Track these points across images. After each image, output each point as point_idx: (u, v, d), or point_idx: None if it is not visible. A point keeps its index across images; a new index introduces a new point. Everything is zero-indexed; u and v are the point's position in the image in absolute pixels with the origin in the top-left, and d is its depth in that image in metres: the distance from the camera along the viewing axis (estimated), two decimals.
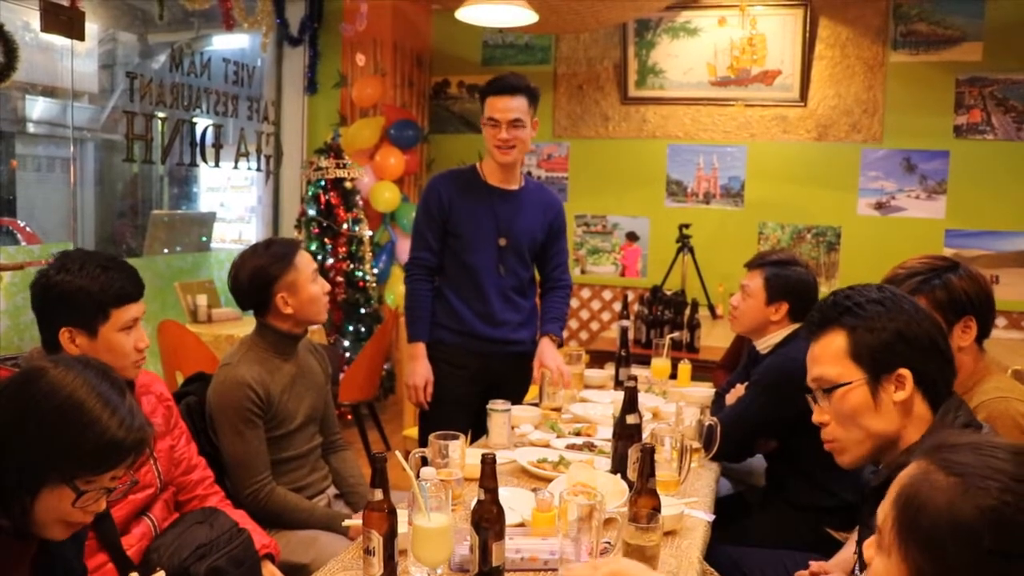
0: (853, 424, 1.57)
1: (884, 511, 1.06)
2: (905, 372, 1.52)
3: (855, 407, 1.56)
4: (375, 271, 5.72)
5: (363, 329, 5.52)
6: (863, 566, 1.54)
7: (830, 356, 1.59)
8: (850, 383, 1.55)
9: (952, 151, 5.61)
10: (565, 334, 6.36)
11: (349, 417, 5.21)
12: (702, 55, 5.94)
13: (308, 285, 2.50)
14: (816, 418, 1.65)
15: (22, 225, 7.02)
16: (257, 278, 2.45)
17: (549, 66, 6.26)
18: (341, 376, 4.78)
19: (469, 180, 3.21)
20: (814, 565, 2.04)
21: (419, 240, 3.24)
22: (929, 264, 2.09)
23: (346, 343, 5.49)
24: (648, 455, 1.84)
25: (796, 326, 2.81)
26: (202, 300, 5.03)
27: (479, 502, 1.71)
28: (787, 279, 2.78)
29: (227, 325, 4.95)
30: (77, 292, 1.85)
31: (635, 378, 2.44)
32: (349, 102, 6.15)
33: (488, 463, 1.72)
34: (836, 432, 1.61)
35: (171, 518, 2.09)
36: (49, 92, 6.68)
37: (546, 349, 3.21)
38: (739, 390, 2.91)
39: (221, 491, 2.27)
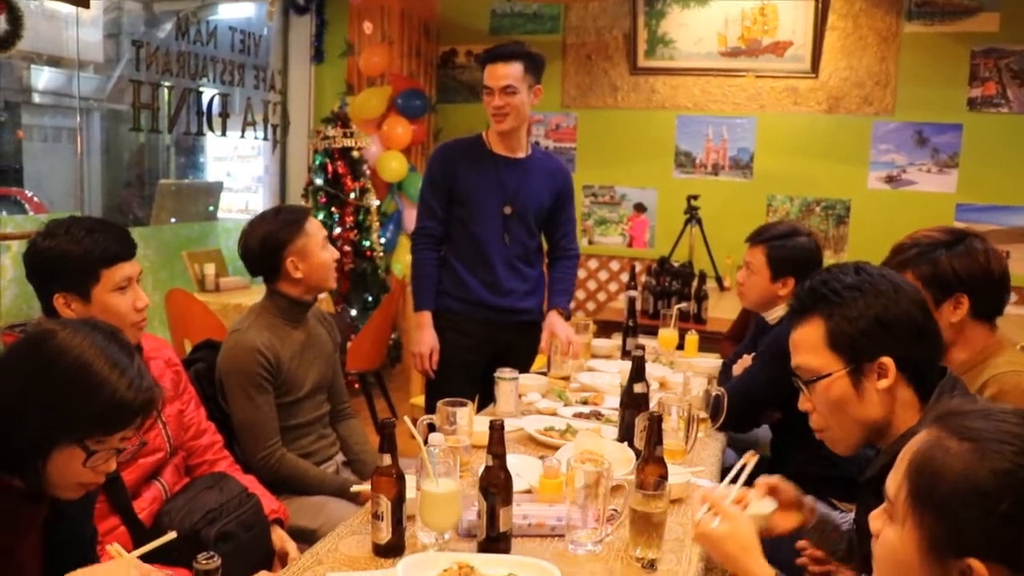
0: (838, 414, 1.55)
1: (896, 481, 1.06)
2: (887, 360, 1.49)
3: (838, 398, 1.54)
4: (382, 241, 5.71)
5: (370, 298, 5.53)
6: (861, 539, 1.54)
7: (809, 346, 1.57)
8: (830, 374, 1.53)
9: (965, 124, 5.56)
10: (572, 304, 6.35)
11: (356, 386, 5.22)
12: (712, 25, 5.88)
13: (318, 251, 2.51)
14: (801, 406, 1.64)
15: (29, 195, 7.02)
16: (268, 243, 2.45)
17: (558, 35, 6.21)
18: (348, 345, 4.78)
19: (475, 149, 3.20)
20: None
21: (425, 209, 3.24)
22: (933, 238, 2.07)
23: (353, 312, 5.50)
24: (656, 423, 1.84)
25: None
26: (210, 269, 5.04)
27: (487, 468, 1.71)
28: (790, 253, 2.76)
29: (235, 294, 4.96)
30: (63, 256, 1.84)
31: (643, 347, 2.44)
32: (356, 71, 6.12)
33: (496, 429, 1.72)
34: (823, 421, 1.60)
35: (181, 482, 2.10)
36: (55, 62, 6.66)
37: (555, 321, 3.21)
38: (746, 361, 2.90)
39: (230, 456, 2.28)
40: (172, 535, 1.30)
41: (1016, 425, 1.00)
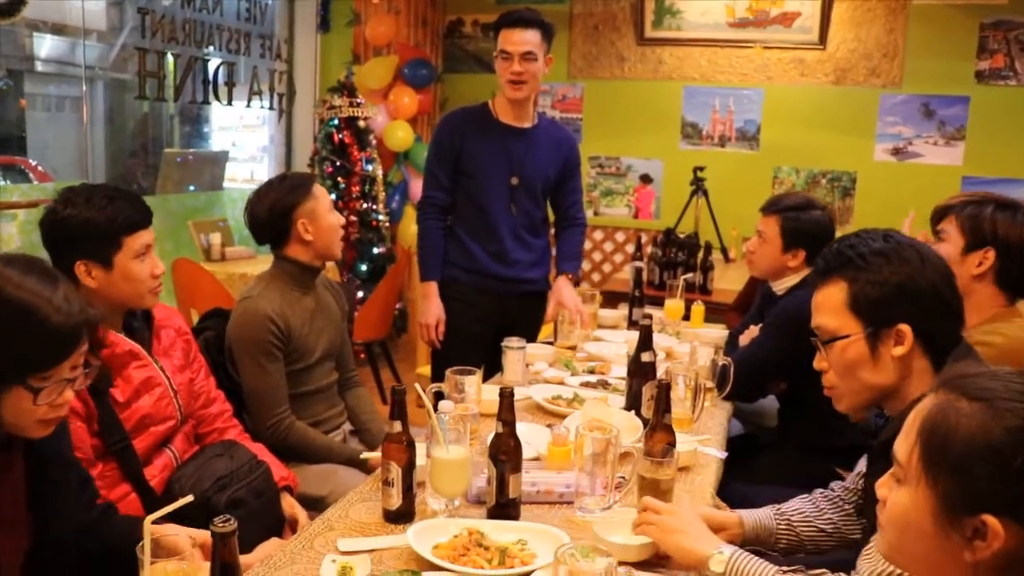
0: (851, 375, 1.57)
1: (907, 444, 1.07)
2: (905, 328, 1.50)
3: (853, 360, 1.55)
4: (388, 211, 5.71)
5: (376, 268, 5.53)
6: (869, 503, 1.55)
7: (830, 307, 1.58)
8: (848, 336, 1.55)
9: (973, 97, 5.53)
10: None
11: (362, 356, 5.25)
12: None
13: (327, 214, 2.52)
14: (816, 364, 1.66)
15: (33, 164, 7.02)
16: (277, 208, 2.46)
17: (565, 5, 6.15)
18: (355, 315, 4.80)
19: (481, 118, 3.19)
20: None
21: (431, 179, 3.24)
22: (988, 195, 2.16)
23: (359, 282, 5.51)
24: (664, 391, 1.86)
25: (813, 269, 2.80)
26: (216, 239, 5.05)
27: (497, 435, 1.73)
28: (803, 225, 2.76)
29: (241, 263, 4.96)
30: (86, 224, 1.86)
31: (650, 316, 2.45)
32: (362, 40, 6.09)
33: (507, 397, 1.74)
34: (835, 380, 1.62)
35: (191, 450, 2.12)
36: (58, 29, 6.63)
37: (563, 288, 3.21)
38: (753, 331, 2.91)
39: (240, 424, 2.30)
40: (189, 498, 1.32)
41: (1022, 383, 1.02)
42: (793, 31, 5.76)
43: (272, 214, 2.47)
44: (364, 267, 5.57)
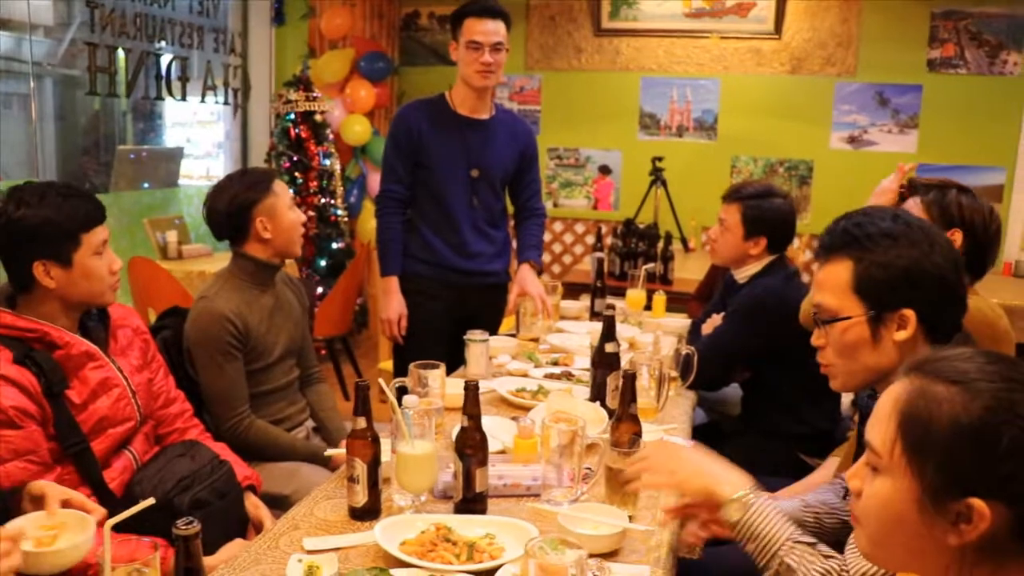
0: (850, 356, 1.55)
1: (884, 434, 1.05)
2: (909, 312, 1.48)
3: (854, 342, 1.53)
4: (347, 205, 5.66)
5: (335, 264, 5.48)
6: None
7: (833, 286, 1.54)
8: (850, 318, 1.52)
9: (925, 85, 5.62)
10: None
11: (323, 352, 5.20)
12: None
13: (286, 211, 2.48)
14: (814, 341, 1.62)
15: None
16: (236, 204, 2.42)
17: None
18: (315, 311, 4.76)
19: (439, 110, 3.16)
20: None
21: (389, 172, 3.20)
22: (949, 180, 2.19)
23: (318, 278, 5.46)
24: (630, 381, 1.86)
25: (774, 257, 2.83)
26: (172, 236, 4.97)
27: (462, 429, 1.72)
28: (764, 213, 2.78)
29: (198, 261, 4.89)
30: (44, 224, 1.81)
31: (613, 307, 2.45)
32: (318, 34, 6.02)
33: (471, 390, 1.72)
34: (832, 358, 1.59)
35: (151, 452, 2.07)
36: (3, 24, 6.47)
37: (527, 276, 3.20)
38: (715, 320, 2.93)
39: (200, 424, 2.26)
40: (151, 501, 1.29)
41: (994, 364, 1.01)
42: (749, 21, 5.80)
43: (231, 210, 2.43)
44: (323, 263, 5.52)
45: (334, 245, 5.54)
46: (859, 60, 5.67)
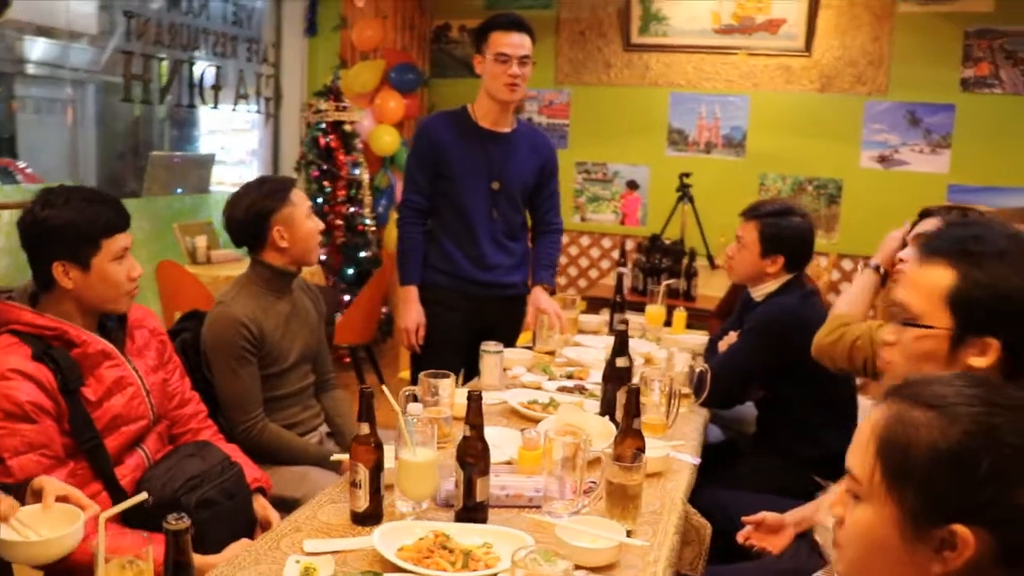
0: (916, 366, 1.45)
1: (864, 460, 1.04)
2: (994, 342, 1.38)
3: (926, 353, 1.44)
4: (374, 215, 5.71)
5: (362, 273, 5.53)
6: None
7: (926, 290, 1.44)
8: (932, 328, 1.43)
9: (958, 105, 5.56)
10: (564, 280, 6.37)
11: (347, 360, 5.25)
12: (707, 3, 5.85)
13: (304, 220, 2.51)
14: (884, 336, 1.54)
15: (22, 166, 7.00)
16: (253, 212, 2.46)
17: (552, 11, 6.17)
18: (339, 318, 4.80)
19: (461, 122, 3.19)
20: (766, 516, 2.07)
21: (411, 183, 3.24)
22: (973, 208, 2.28)
23: (344, 286, 5.50)
24: (634, 395, 1.86)
25: (792, 276, 2.82)
26: (201, 241, 5.04)
27: (465, 438, 1.73)
28: (782, 231, 2.77)
29: (226, 266, 4.96)
30: (66, 226, 1.86)
31: (626, 322, 2.46)
32: (350, 45, 6.09)
33: (474, 400, 1.74)
34: (897, 359, 1.51)
35: (164, 451, 2.11)
36: (48, 32, 6.62)
37: (540, 296, 3.22)
38: (732, 337, 2.92)
39: (214, 425, 2.30)
40: (144, 496, 1.32)
41: (973, 387, 1.01)
42: (779, 38, 5.78)
43: (248, 218, 2.47)
44: (350, 271, 5.56)
45: (361, 254, 5.58)
46: (890, 78, 5.63)
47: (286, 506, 2.25)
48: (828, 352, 2.28)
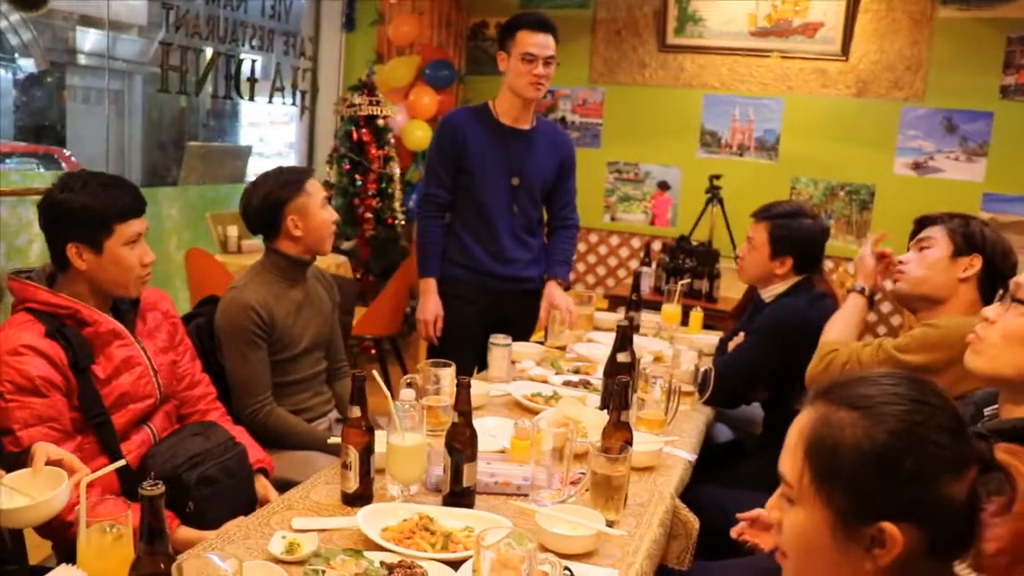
0: (1012, 346, 1.50)
1: (793, 465, 1.07)
2: None
3: None
4: (404, 209, 5.77)
5: (390, 265, 5.59)
6: None
7: None
8: None
9: (996, 112, 5.47)
10: (592, 280, 6.39)
11: (373, 351, 5.32)
12: (743, 4, 5.82)
13: (318, 210, 2.56)
14: (988, 311, 1.58)
15: (67, 154, 7.18)
16: (268, 201, 2.52)
17: (588, 10, 6.17)
18: (364, 310, 4.86)
19: (483, 118, 3.24)
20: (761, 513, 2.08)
21: (432, 176, 3.29)
22: (975, 217, 2.31)
23: (373, 279, 5.57)
24: (622, 389, 1.89)
25: (801, 278, 2.82)
26: (233, 231, 5.13)
27: (453, 425, 1.77)
28: (792, 233, 2.77)
29: (255, 255, 4.97)
30: (81, 209, 1.94)
31: (630, 318, 2.49)
32: (386, 40, 6.16)
33: (463, 388, 1.78)
34: (993, 338, 1.54)
35: (171, 429, 2.18)
36: (98, 24, 6.78)
37: (554, 291, 3.25)
38: (741, 338, 2.93)
39: (222, 407, 2.37)
40: (122, 462, 1.38)
41: (897, 385, 1.02)
42: (816, 41, 5.74)
43: (264, 207, 2.53)
44: (379, 264, 5.63)
45: (390, 247, 5.64)
46: (928, 84, 5.56)
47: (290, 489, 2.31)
48: (821, 380, 2.30)
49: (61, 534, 1.77)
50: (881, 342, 2.24)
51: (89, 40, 7.60)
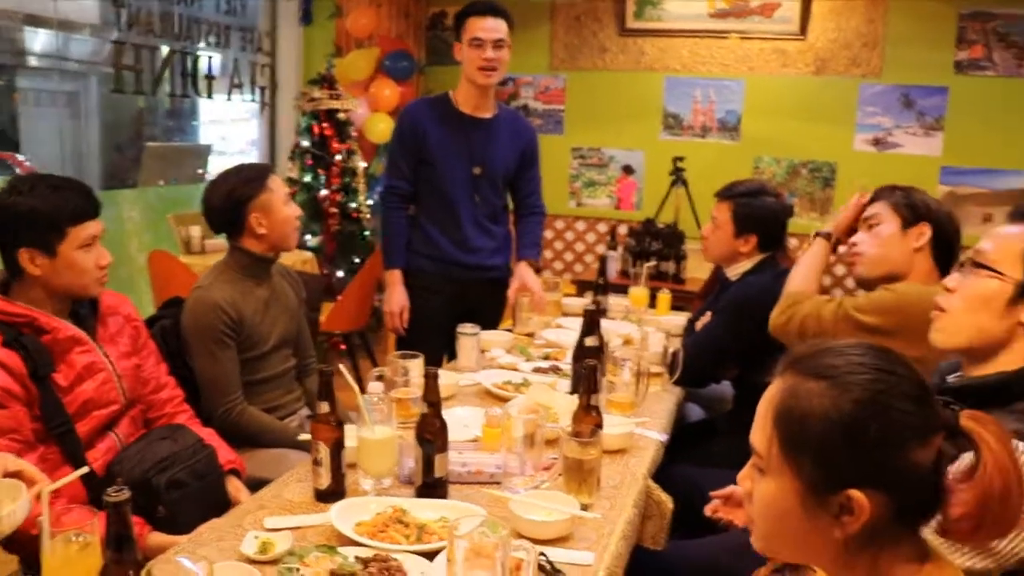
0: (972, 310, 1.51)
1: (763, 435, 1.08)
2: None
3: (987, 296, 1.49)
4: (369, 202, 5.73)
5: (357, 260, 5.56)
6: None
7: (1007, 243, 1.51)
8: (1002, 275, 1.48)
9: (951, 87, 5.53)
10: (560, 266, 6.39)
11: (342, 347, 5.29)
12: None
13: (281, 206, 2.54)
14: (947, 281, 1.60)
15: (21, 159, 7.04)
16: (231, 199, 2.50)
17: None
18: (332, 305, 4.83)
19: (443, 108, 3.23)
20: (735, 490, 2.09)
21: (393, 168, 3.28)
22: (909, 187, 2.33)
23: (340, 274, 5.54)
24: (590, 373, 1.89)
25: (766, 255, 2.84)
26: (195, 231, 5.06)
27: (422, 416, 1.76)
28: (755, 211, 2.80)
29: (219, 256, 4.97)
30: (30, 213, 1.89)
31: (597, 303, 2.49)
32: (344, 33, 6.10)
33: (431, 378, 1.77)
34: (953, 306, 1.56)
35: (138, 434, 2.15)
36: (48, 23, 6.66)
37: (525, 272, 3.26)
38: (708, 317, 2.94)
39: (190, 410, 2.33)
40: (85, 469, 1.36)
41: (863, 355, 1.03)
42: (774, 21, 5.77)
43: (226, 206, 2.51)
44: (344, 258, 5.59)
45: (355, 242, 5.61)
46: (885, 61, 5.61)
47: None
48: (783, 331, 2.35)
49: (26, 548, 1.74)
50: (841, 300, 2.27)
51: (39, 41, 7.47)
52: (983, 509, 1.00)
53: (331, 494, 1.77)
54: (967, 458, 1.04)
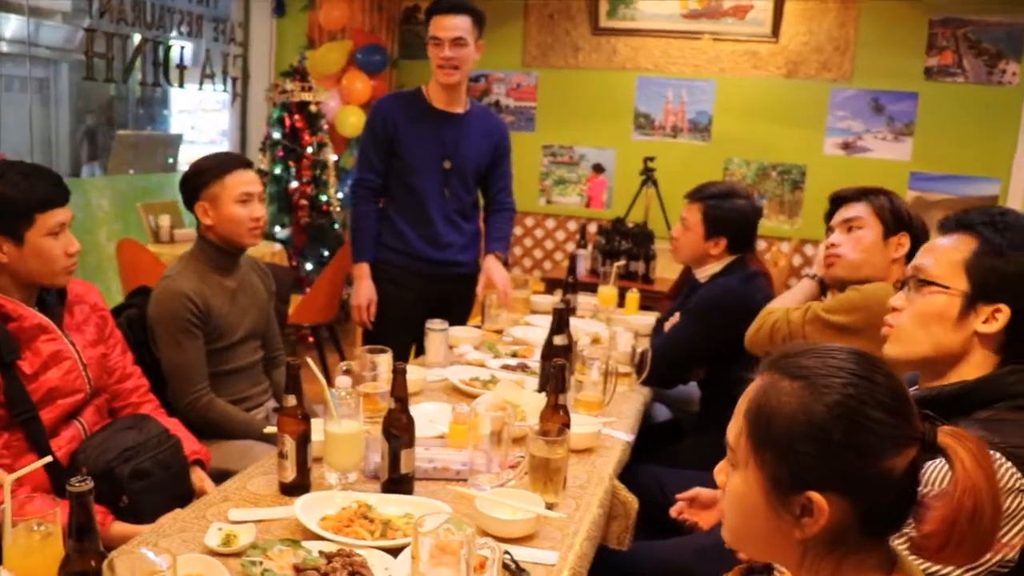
0: (924, 326, 1.50)
1: (735, 429, 1.09)
2: (1005, 309, 1.43)
3: (937, 312, 1.48)
4: (339, 195, 5.72)
5: (326, 253, 5.54)
6: None
7: (947, 255, 1.50)
8: (948, 288, 1.48)
9: (921, 93, 5.60)
10: (529, 263, 6.40)
11: (311, 339, 5.27)
12: None
13: (230, 204, 2.47)
14: (893, 302, 1.59)
15: None
16: (190, 180, 2.50)
17: None
18: (301, 298, 4.82)
19: (415, 103, 3.23)
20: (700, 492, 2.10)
21: (364, 162, 3.28)
22: (882, 189, 2.31)
23: (309, 266, 5.52)
24: (558, 372, 1.90)
25: (735, 258, 2.86)
26: (164, 220, 5.03)
27: (389, 411, 1.76)
28: (725, 213, 2.81)
29: (188, 245, 4.95)
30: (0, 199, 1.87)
31: (566, 301, 2.50)
32: (317, 25, 6.07)
33: (399, 373, 1.77)
34: (904, 322, 1.54)
35: (103, 423, 2.14)
36: (19, 9, 6.58)
37: (493, 266, 3.27)
38: (677, 318, 2.96)
39: (155, 399, 2.32)
40: (48, 459, 1.35)
41: (843, 360, 1.04)
42: (747, 23, 5.81)
43: (185, 184, 2.52)
44: (314, 251, 5.58)
45: (325, 235, 5.59)
46: (855, 66, 5.67)
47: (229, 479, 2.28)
48: (754, 340, 2.38)
49: None
50: (811, 304, 2.29)
51: (10, 27, 7.37)
52: (951, 527, 1.00)
53: (296, 487, 1.77)
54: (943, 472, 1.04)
